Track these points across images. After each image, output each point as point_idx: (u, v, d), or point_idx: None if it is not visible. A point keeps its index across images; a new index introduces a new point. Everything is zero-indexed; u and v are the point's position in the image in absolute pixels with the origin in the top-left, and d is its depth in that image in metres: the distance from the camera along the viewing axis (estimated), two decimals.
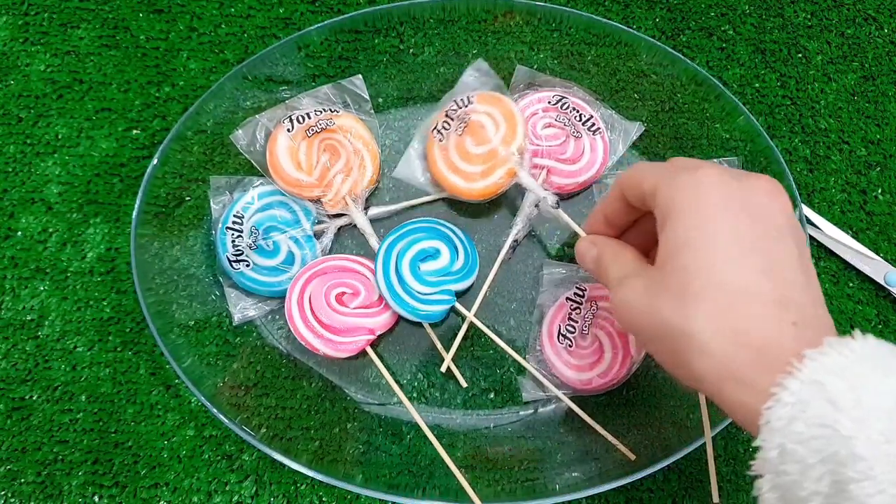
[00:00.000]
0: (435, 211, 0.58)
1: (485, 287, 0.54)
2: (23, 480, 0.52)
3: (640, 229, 0.44)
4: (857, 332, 0.29)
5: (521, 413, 0.54)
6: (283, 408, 0.52)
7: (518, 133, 0.49)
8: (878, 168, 0.61)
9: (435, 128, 0.51)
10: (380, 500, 0.50)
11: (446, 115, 0.50)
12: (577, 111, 0.57)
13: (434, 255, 0.54)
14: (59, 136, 0.59)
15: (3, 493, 0.51)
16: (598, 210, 0.44)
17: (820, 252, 0.59)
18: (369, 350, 0.53)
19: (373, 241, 0.55)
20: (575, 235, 0.47)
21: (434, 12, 0.59)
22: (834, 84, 0.64)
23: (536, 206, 0.54)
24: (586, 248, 0.44)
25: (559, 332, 0.53)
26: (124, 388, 0.54)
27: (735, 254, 0.31)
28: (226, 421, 0.48)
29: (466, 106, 0.49)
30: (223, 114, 0.56)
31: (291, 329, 0.52)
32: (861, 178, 0.61)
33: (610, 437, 0.50)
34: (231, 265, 0.53)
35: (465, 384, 0.53)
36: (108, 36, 0.62)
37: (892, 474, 0.24)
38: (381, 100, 0.60)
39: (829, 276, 0.58)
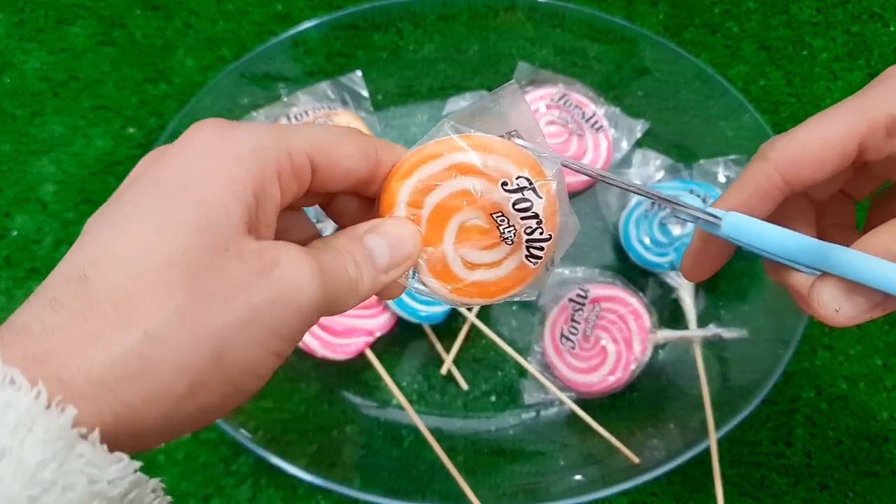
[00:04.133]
0: None
1: None
2: None
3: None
4: None
5: (523, 416, 0.53)
6: (280, 410, 0.51)
7: None
8: None
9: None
10: None
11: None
12: (580, 108, 0.57)
13: None
14: (55, 135, 0.59)
15: None
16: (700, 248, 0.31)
17: None
18: (368, 352, 0.52)
19: None
20: None
21: (434, 8, 0.58)
22: (840, 82, 0.63)
23: None
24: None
25: (561, 334, 0.52)
26: None
27: None
28: (222, 423, 0.48)
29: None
30: (220, 111, 0.56)
31: None
32: None
33: (613, 441, 0.50)
34: None
35: (465, 387, 0.53)
36: (103, 33, 0.62)
37: None
38: (380, 97, 0.59)
39: None
